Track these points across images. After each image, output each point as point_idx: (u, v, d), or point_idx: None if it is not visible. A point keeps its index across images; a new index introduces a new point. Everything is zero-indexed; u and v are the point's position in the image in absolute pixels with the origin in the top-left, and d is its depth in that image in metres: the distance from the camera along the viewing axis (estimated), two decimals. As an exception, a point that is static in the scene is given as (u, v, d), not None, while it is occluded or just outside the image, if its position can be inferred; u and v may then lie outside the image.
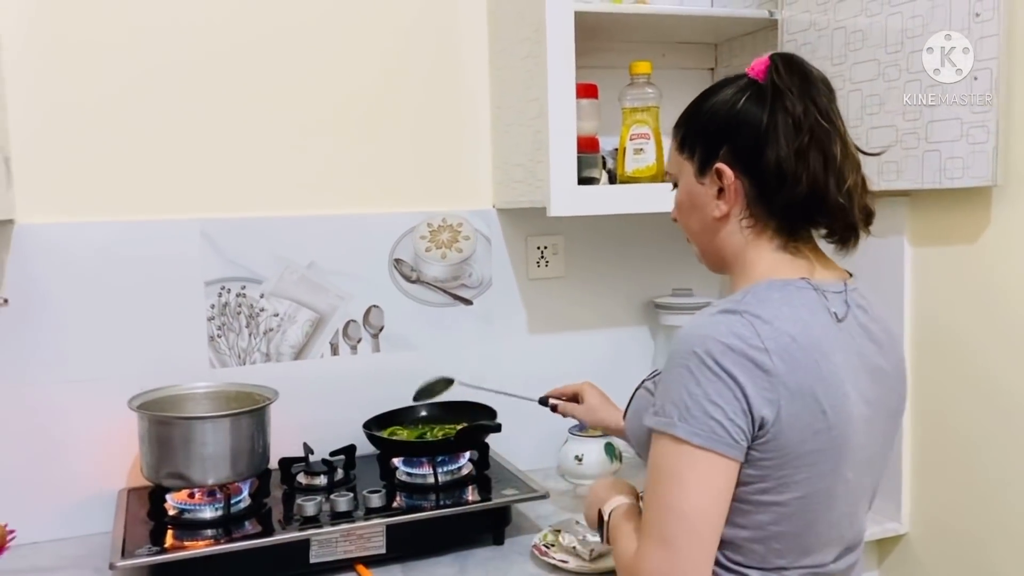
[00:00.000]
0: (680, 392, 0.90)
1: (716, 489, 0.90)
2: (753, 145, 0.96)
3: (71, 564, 1.40)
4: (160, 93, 1.54)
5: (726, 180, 0.98)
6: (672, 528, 0.90)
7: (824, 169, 0.94)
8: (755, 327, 0.90)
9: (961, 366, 1.41)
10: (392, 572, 1.34)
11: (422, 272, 1.73)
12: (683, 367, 0.90)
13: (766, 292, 0.94)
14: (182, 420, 1.38)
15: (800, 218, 0.98)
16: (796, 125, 0.94)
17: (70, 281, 1.49)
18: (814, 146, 0.94)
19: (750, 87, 0.98)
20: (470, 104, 1.75)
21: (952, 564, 1.45)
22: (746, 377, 0.88)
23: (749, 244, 1.00)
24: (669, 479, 0.91)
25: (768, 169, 0.95)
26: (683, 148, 1.04)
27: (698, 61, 1.93)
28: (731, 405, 0.88)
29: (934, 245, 1.44)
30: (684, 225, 1.08)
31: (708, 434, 0.88)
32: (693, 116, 1.04)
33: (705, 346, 0.89)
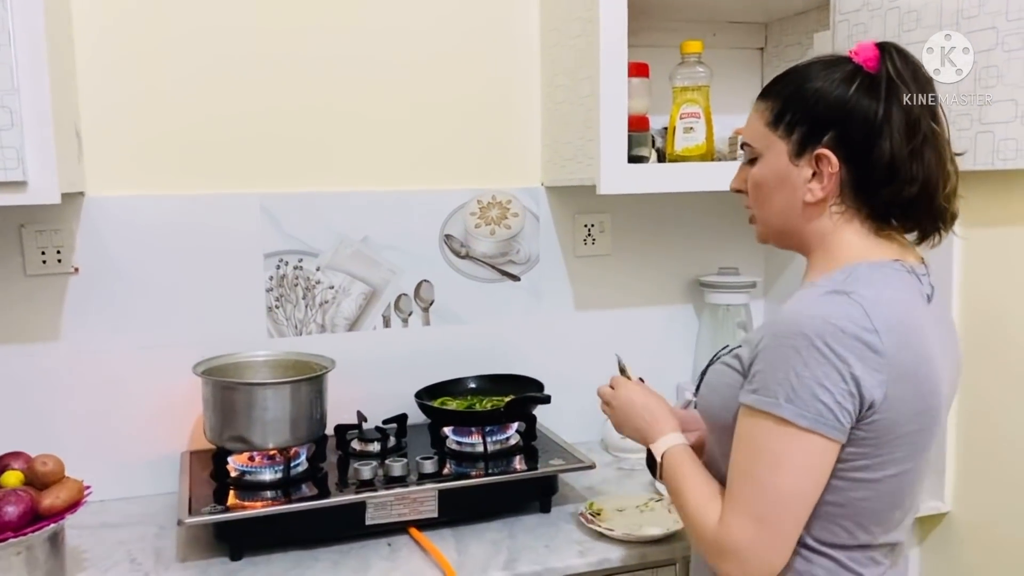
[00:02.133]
0: (787, 373, 0.89)
1: (815, 470, 0.91)
2: (864, 136, 0.95)
3: (138, 521, 1.47)
4: (224, 74, 1.59)
5: (830, 167, 0.97)
6: (767, 507, 0.91)
7: (936, 169, 0.96)
8: (864, 308, 0.90)
9: (1009, 348, 1.41)
10: (444, 535, 1.39)
11: (471, 248, 1.77)
12: (791, 348, 0.90)
13: (868, 273, 0.95)
14: (245, 386, 1.44)
15: (900, 214, 0.99)
16: (912, 122, 0.95)
17: (137, 251, 1.56)
18: (929, 145, 0.95)
19: (859, 75, 0.97)
20: (521, 83, 1.77)
21: (993, 544, 1.46)
22: (857, 360, 0.89)
23: (838, 229, 1.00)
24: (768, 458, 0.91)
25: (879, 163, 0.95)
26: (778, 125, 1.01)
27: (748, 40, 1.93)
28: (839, 388, 0.89)
29: (985, 227, 1.44)
30: (760, 202, 1.05)
31: (815, 416, 0.89)
32: (797, 95, 1.00)
33: (816, 328, 0.89)
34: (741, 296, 1.83)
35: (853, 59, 0.98)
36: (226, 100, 1.60)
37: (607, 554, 1.33)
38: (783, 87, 1.03)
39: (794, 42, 1.84)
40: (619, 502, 1.48)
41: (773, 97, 1.03)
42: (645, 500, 1.49)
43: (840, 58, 1.00)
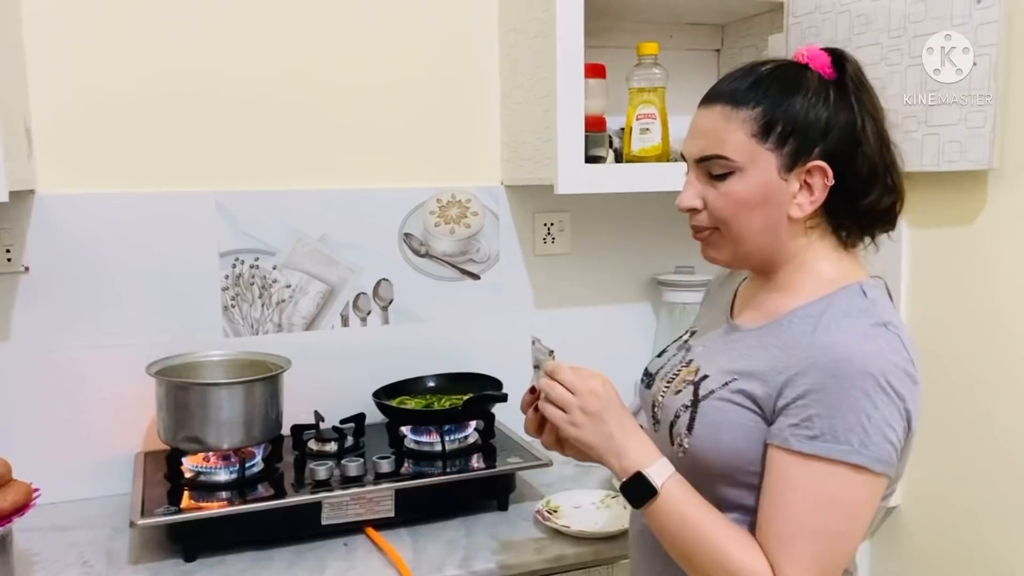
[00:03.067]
0: (859, 416, 0.85)
1: (876, 509, 0.91)
2: (848, 145, 0.93)
3: (91, 523, 1.45)
4: (179, 71, 1.57)
5: (825, 180, 0.93)
6: (841, 556, 0.88)
7: (900, 175, 0.96)
8: (902, 340, 0.89)
9: (954, 345, 1.45)
10: (400, 535, 1.39)
11: (431, 247, 1.77)
12: (858, 389, 0.85)
13: (877, 297, 0.94)
14: (199, 386, 1.43)
15: (871, 223, 0.98)
16: (880, 127, 0.94)
17: (89, 250, 1.54)
18: (893, 151, 0.96)
19: (829, 83, 0.95)
20: (480, 82, 1.78)
21: (941, 537, 1.50)
22: (908, 395, 0.87)
23: (812, 245, 0.97)
24: (846, 509, 0.87)
25: (858, 173, 0.93)
26: (766, 137, 0.93)
27: (705, 42, 1.95)
28: (900, 426, 0.87)
29: (932, 227, 1.47)
30: (735, 219, 0.96)
31: (887, 460, 0.87)
32: (782, 106, 0.93)
33: (879, 367, 0.86)
34: (697, 295, 1.84)
35: (810, 65, 0.96)
36: (181, 97, 1.58)
37: (562, 550, 1.35)
38: (763, 95, 0.94)
39: (749, 44, 1.86)
40: (576, 499, 1.50)
41: (751, 106, 0.94)
42: (601, 497, 1.50)
43: (797, 64, 0.97)
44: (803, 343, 0.90)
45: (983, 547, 1.42)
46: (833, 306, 0.92)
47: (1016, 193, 1.33)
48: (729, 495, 0.95)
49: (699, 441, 0.96)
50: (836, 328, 0.89)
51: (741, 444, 0.92)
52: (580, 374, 1.00)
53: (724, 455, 0.94)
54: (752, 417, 0.92)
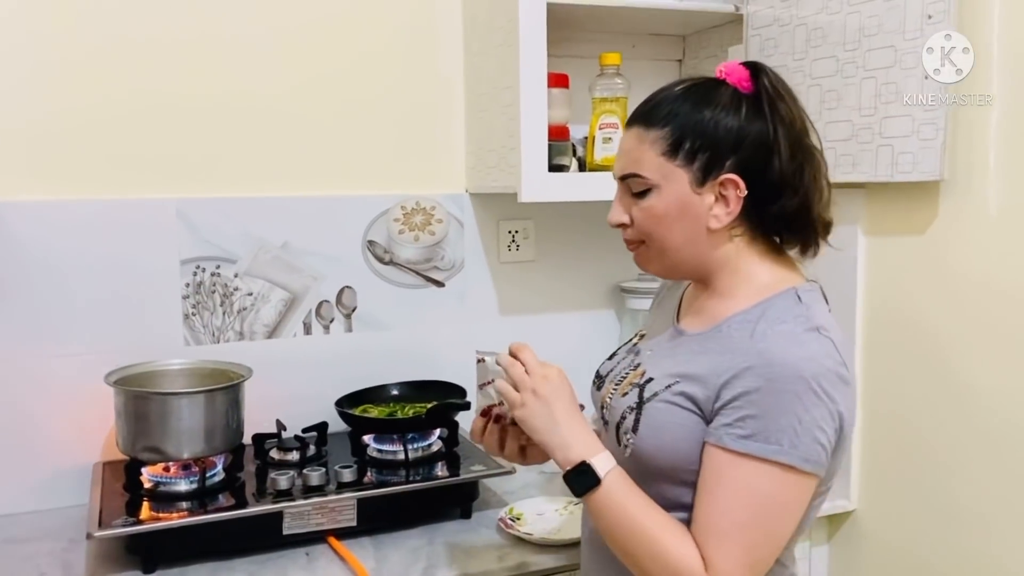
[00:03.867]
0: (790, 419, 0.89)
1: (805, 507, 0.94)
2: (760, 156, 0.96)
3: (47, 535, 1.43)
4: (138, 73, 1.56)
5: (737, 192, 0.96)
6: (768, 551, 0.92)
7: (813, 181, 0.98)
8: (834, 344, 0.92)
9: (911, 351, 1.48)
10: (363, 544, 1.38)
11: (395, 254, 1.77)
12: (791, 393, 0.89)
13: (811, 301, 0.97)
14: (158, 395, 1.42)
15: (784, 228, 1.00)
16: (794, 137, 0.97)
17: (47, 258, 1.51)
18: (807, 158, 0.98)
19: (740, 96, 0.98)
20: (445, 89, 1.78)
21: (897, 540, 1.53)
22: (840, 396, 0.91)
23: (740, 252, 1.00)
24: (775, 506, 0.91)
25: (771, 180, 0.96)
26: (676, 154, 0.97)
27: (667, 53, 1.97)
28: (831, 427, 0.91)
29: (886, 235, 1.50)
30: (658, 233, 1.00)
31: (816, 460, 0.90)
32: (690, 124, 0.97)
33: (811, 370, 0.89)
34: (660, 302, 1.87)
35: (727, 80, 0.99)
36: (141, 104, 1.56)
37: (525, 558, 1.35)
38: (671, 115, 0.98)
39: (710, 55, 1.89)
40: (539, 506, 1.50)
41: (661, 125, 0.98)
42: (564, 504, 1.51)
43: (713, 80, 1.00)
44: (741, 348, 0.94)
45: (940, 549, 1.45)
46: (769, 312, 0.96)
47: (965, 204, 1.36)
48: (672, 493, 0.98)
49: (643, 441, 0.99)
50: (771, 334, 0.93)
51: (682, 444, 0.96)
52: (543, 362, 1.05)
53: (667, 454, 0.97)
54: (693, 419, 0.96)
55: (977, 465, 1.38)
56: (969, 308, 1.37)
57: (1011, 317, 1.31)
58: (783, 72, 1.57)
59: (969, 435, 1.39)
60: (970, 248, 1.37)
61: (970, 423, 1.38)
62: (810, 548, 1.63)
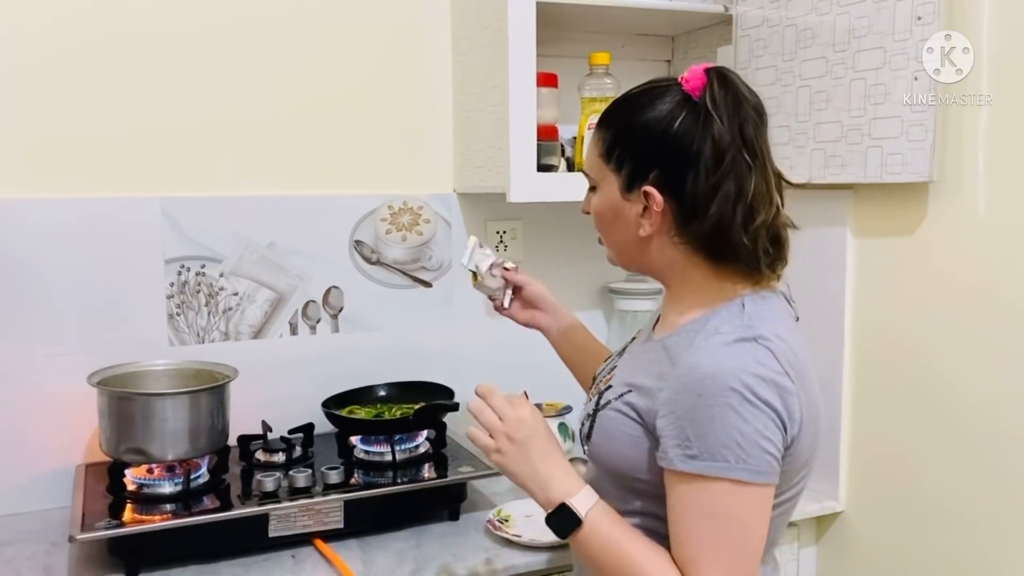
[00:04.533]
0: (730, 432, 0.86)
1: (768, 516, 0.91)
2: (681, 171, 0.93)
3: (29, 538, 1.41)
4: (124, 72, 1.54)
5: (655, 205, 0.95)
6: (744, 566, 0.90)
7: (734, 205, 0.92)
8: (772, 351, 0.89)
9: (899, 353, 1.48)
10: (350, 547, 1.37)
11: (382, 254, 1.76)
12: (724, 406, 0.86)
13: (756, 310, 0.94)
14: (142, 396, 1.40)
15: (706, 247, 0.96)
16: (719, 155, 0.91)
17: (30, 257, 1.49)
18: (731, 179, 0.91)
19: (686, 104, 0.94)
20: (432, 89, 1.77)
21: (885, 541, 1.53)
22: (781, 404, 0.88)
23: (687, 259, 0.97)
24: (736, 521, 0.89)
25: (687, 197, 0.93)
26: (609, 158, 0.99)
27: (656, 53, 1.97)
28: (776, 436, 0.88)
29: (875, 237, 1.51)
30: (602, 230, 1.04)
31: (768, 471, 0.88)
32: (626, 129, 0.97)
33: (741, 380, 0.87)
34: (649, 303, 1.87)
35: (683, 86, 0.95)
36: (125, 102, 1.55)
37: (513, 560, 1.34)
38: (615, 118, 1.00)
39: (699, 55, 1.89)
40: (527, 508, 1.49)
41: (605, 128, 1.00)
42: (553, 506, 1.50)
43: (673, 84, 0.96)
44: (678, 361, 0.92)
45: (927, 550, 1.45)
46: (710, 323, 0.94)
47: (954, 205, 1.37)
48: (634, 502, 0.99)
49: (595, 448, 1.02)
50: (703, 346, 0.91)
51: (629, 452, 0.96)
52: (511, 401, 1.01)
53: (616, 462, 0.98)
54: (636, 428, 0.96)
55: (964, 467, 1.38)
56: (957, 310, 1.38)
57: (999, 319, 1.31)
58: (771, 73, 1.59)
59: (957, 437, 1.39)
60: (959, 249, 1.37)
61: (958, 425, 1.38)
62: (798, 549, 1.63)
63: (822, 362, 1.57)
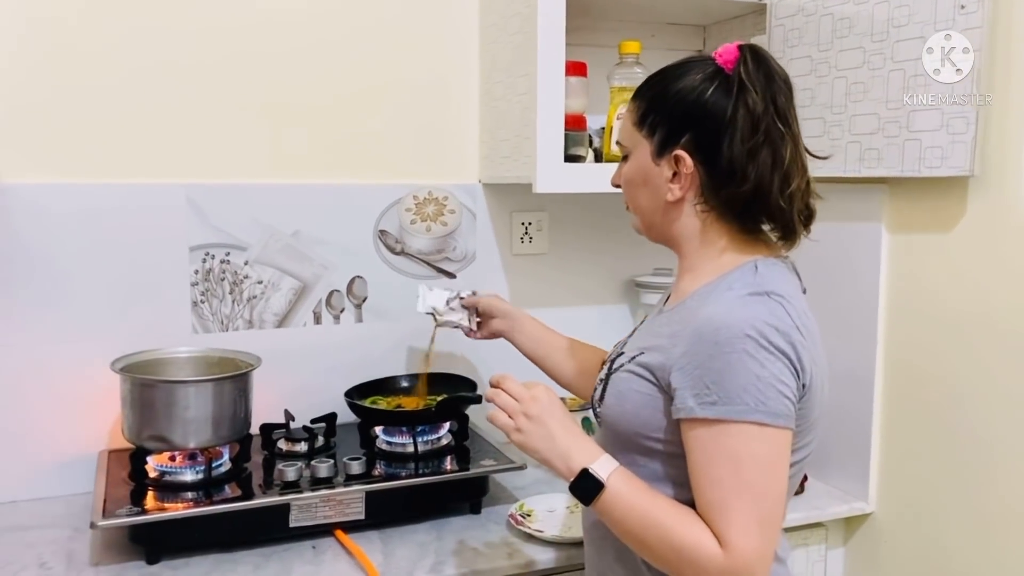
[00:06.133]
0: (748, 378, 0.90)
1: (788, 460, 0.94)
2: (714, 137, 0.97)
3: (51, 523, 1.41)
4: (149, 57, 1.53)
5: (684, 168, 1.00)
6: (771, 510, 0.91)
7: (771, 170, 0.97)
8: (783, 306, 0.93)
9: (934, 351, 1.44)
10: (370, 538, 1.36)
11: (406, 244, 1.74)
12: (741, 352, 0.90)
13: (768, 271, 0.98)
14: (165, 383, 1.39)
15: (743, 213, 1.00)
16: (754, 123, 0.96)
17: (55, 242, 1.49)
18: (766, 146, 0.97)
19: (718, 76, 0.98)
20: (459, 78, 1.75)
21: (916, 544, 1.49)
22: (792, 353, 0.92)
23: (707, 226, 1.02)
24: (757, 464, 0.90)
25: (722, 162, 0.97)
26: (642, 125, 1.04)
27: (687, 42, 1.94)
28: (791, 381, 0.92)
29: (911, 232, 1.47)
30: (630, 198, 1.09)
31: (787, 413, 0.91)
32: (659, 97, 1.03)
33: (756, 327, 0.90)
34: (676, 297, 1.84)
35: (716, 60, 1.00)
36: (152, 88, 1.54)
37: (536, 556, 1.33)
38: (649, 87, 1.05)
39: (731, 45, 1.85)
40: (550, 503, 1.48)
41: (640, 97, 1.05)
42: (575, 501, 1.48)
43: (707, 59, 1.01)
44: (693, 317, 0.96)
45: (962, 554, 1.42)
46: (723, 282, 0.99)
47: (996, 201, 1.32)
48: (642, 465, 1.01)
49: (608, 410, 1.05)
50: (716, 300, 0.96)
51: (642, 411, 0.99)
52: (525, 384, 1.06)
53: (629, 422, 1.01)
54: (649, 386, 0.99)
55: (1002, 469, 1.34)
56: (995, 309, 1.34)
57: (1040, 318, 1.27)
58: (806, 64, 1.55)
59: (992, 439, 1.35)
60: (999, 247, 1.33)
61: (994, 426, 1.35)
62: (826, 551, 1.60)
63: (854, 359, 1.55)
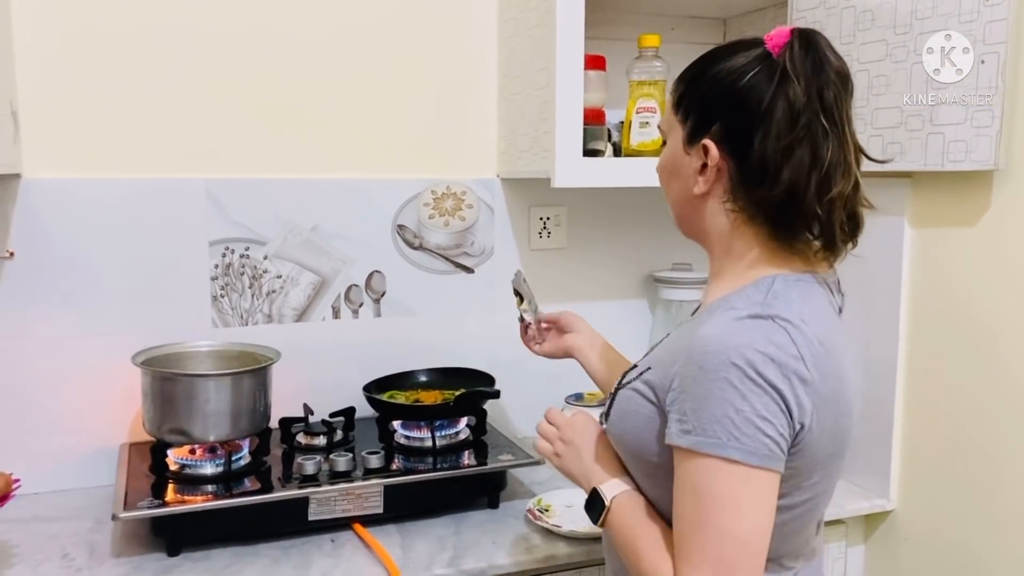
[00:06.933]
0: (725, 408, 0.82)
1: (769, 505, 0.85)
2: (746, 128, 0.88)
3: (73, 515, 1.43)
4: (170, 52, 1.54)
5: (710, 159, 0.91)
6: (730, 553, 0.83)
7: (808, 172, 0.87)
8: (789, 334, 0.84)
9: (956, 347, 1.43)
10: (389, 532, 1.36)
11: (425, 239, 1.75)
12: (723, 380, 0.82)
13: (785, 291, 0.89)
14: (185, 377, 1.40)
15: (776, 218, 0.91)
16: (793, 117, 0.86)
17: (77, 236, 1.51)
18: (805, 144, 0.87)
19: (763, 61, 0.89)
20: (478, 73, 1.75)
21: (937, 542, 1.48)
22: (788, 388, 0.83)
23: (736, 229, 0.93)
24: (721, 502, 0.83)
25: (753, 158, 0.88)
26: (678, 109, 0.96)
27: (707, 36, 1.92)
28: (778, 419, 0.83)
29: (934, 227, 1.45)
30: (664, 186, 1.02)
31: (764, 453, 0.82)
32: (696, 78, 0.94)
33: (745, 356, 0.82)
34: (694, 292, 1.83)
35: (766, 43, 0.90)
36: (172, 83, 1.55)
37: (554, 550, 1.32)
38: (691, 68, 0.96)
39: (752, 39, 1.83)
40: (568, 498, 1.47)
41: (680, 78, 0.97)
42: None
43: (755, 40, 0.92)
44: (692, 335, 0.88)
45: (985, 552, 1.40)
46: (730, 299, 0.90)
47: (1021, 195, 1.31)
48: (647, 482, 0.98)
49: (611, 427, 1.01)
50: (714, 320, 0.87)
51: (641, 432, 0.94)
52: (565, 414, 1.11)
53: (629, 441, 0.97)
54: (649, 407, 0.94)
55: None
56: (1020, 303, 1.32)
57: (1066, 314, 1.26)
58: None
59: (1017, 436, 1.33)
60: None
61: (1018, 424, 1.33)
62: (846, 548, 1.59)
63: (875, 354, 1.53)
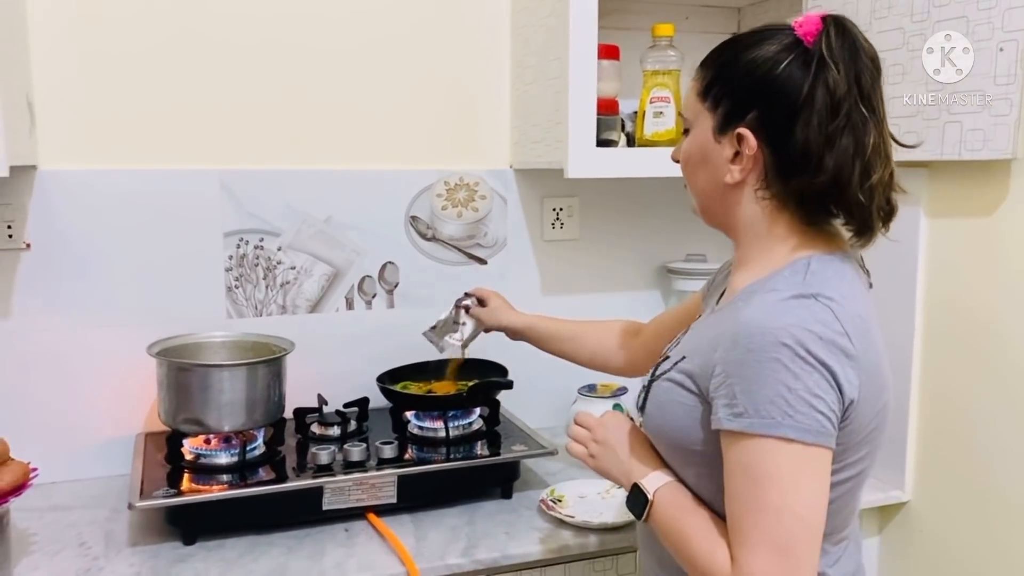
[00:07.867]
0: (777, 388, 0.82)
1: (824, 482, 0.85)
2: (785, 117, 0.88)
3: (89, 503, 1.44)
4: (185, 43, 1.55)
5: (747, 148, 0.90)
6: (789, 533, 0.82)
7: (852, 159, 0.87)
8: (833, 311, 0.85)
9: (972, 338, 1.42)
10: (402, 521, 1.37)
11: (438, 230, 1.75)
12: (773, 361, 0.82)
13: (821, 270, 0.89)
14: (200, 367, 1.41)
15: (815, 205, 0.91)
16: (834, 105, 0.86)
17: (92, 228, 1.51)
18: (848, 132, 0.87)
19: (795, 48, 0.88)
20: (491, 63, 1.74)
21: (951, 534, 1.47)
22: (837, 364, 0.83)
23: (768, 216, 0.93)
24: (777, 481, 0.83)
25: (794, 147, 0.88)
26: (706, 96, 0.94)
27: (721, 25, 1.91)
28: (829, 396, 0.83)
29: (950, 217, 1.44)
30: (688, 175, 1.00)
31: (819, 430, 0.82)
32: (727, 65, 0.93)
33: (795, 336, 0.82)
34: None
35: (796, 31, 0.89)
36: (186, 75, 1.55)
37: (567, 541, 1.32)
38: (719, 54, 0.95)
39: (766, 28, 1.82)
40: (581, 488, 1.47)
41: (707, 65, 0.96)
42: (607, 487, 1.48)
43: (783, 28, 0.91)
44: (734, 319, 0.88)
45: (999, 544, 1.39)
46: (770, 281, 0.90)
47: (1039, 184, 1.30)
48: (688, 472, 0.97)
49: (649, 420, 1.00)
50: (757, 302, 0.87)
51: (682, 422, 0.94)
52: (597, 415, 1.12)
53: (669, 432, 0.97)
54: (689, 396, 0.93)
55: (1042, 458, 1.32)
56: (1038, 294, 1.31)
57: (1084, 304, 1.24)
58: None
59: (1034, 427, 1.32)
60: (1042, 231, 1.30)
61: (1036, 414, 1.32)
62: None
63: (891, 345, 1.51)
